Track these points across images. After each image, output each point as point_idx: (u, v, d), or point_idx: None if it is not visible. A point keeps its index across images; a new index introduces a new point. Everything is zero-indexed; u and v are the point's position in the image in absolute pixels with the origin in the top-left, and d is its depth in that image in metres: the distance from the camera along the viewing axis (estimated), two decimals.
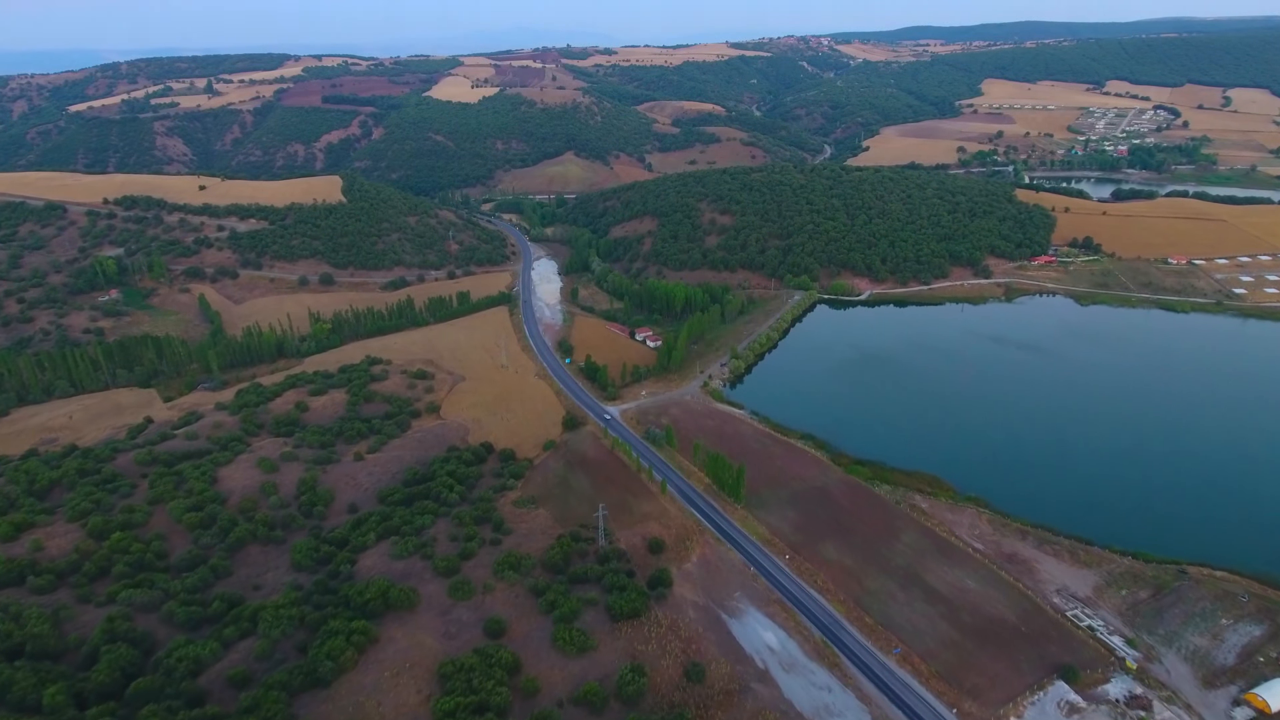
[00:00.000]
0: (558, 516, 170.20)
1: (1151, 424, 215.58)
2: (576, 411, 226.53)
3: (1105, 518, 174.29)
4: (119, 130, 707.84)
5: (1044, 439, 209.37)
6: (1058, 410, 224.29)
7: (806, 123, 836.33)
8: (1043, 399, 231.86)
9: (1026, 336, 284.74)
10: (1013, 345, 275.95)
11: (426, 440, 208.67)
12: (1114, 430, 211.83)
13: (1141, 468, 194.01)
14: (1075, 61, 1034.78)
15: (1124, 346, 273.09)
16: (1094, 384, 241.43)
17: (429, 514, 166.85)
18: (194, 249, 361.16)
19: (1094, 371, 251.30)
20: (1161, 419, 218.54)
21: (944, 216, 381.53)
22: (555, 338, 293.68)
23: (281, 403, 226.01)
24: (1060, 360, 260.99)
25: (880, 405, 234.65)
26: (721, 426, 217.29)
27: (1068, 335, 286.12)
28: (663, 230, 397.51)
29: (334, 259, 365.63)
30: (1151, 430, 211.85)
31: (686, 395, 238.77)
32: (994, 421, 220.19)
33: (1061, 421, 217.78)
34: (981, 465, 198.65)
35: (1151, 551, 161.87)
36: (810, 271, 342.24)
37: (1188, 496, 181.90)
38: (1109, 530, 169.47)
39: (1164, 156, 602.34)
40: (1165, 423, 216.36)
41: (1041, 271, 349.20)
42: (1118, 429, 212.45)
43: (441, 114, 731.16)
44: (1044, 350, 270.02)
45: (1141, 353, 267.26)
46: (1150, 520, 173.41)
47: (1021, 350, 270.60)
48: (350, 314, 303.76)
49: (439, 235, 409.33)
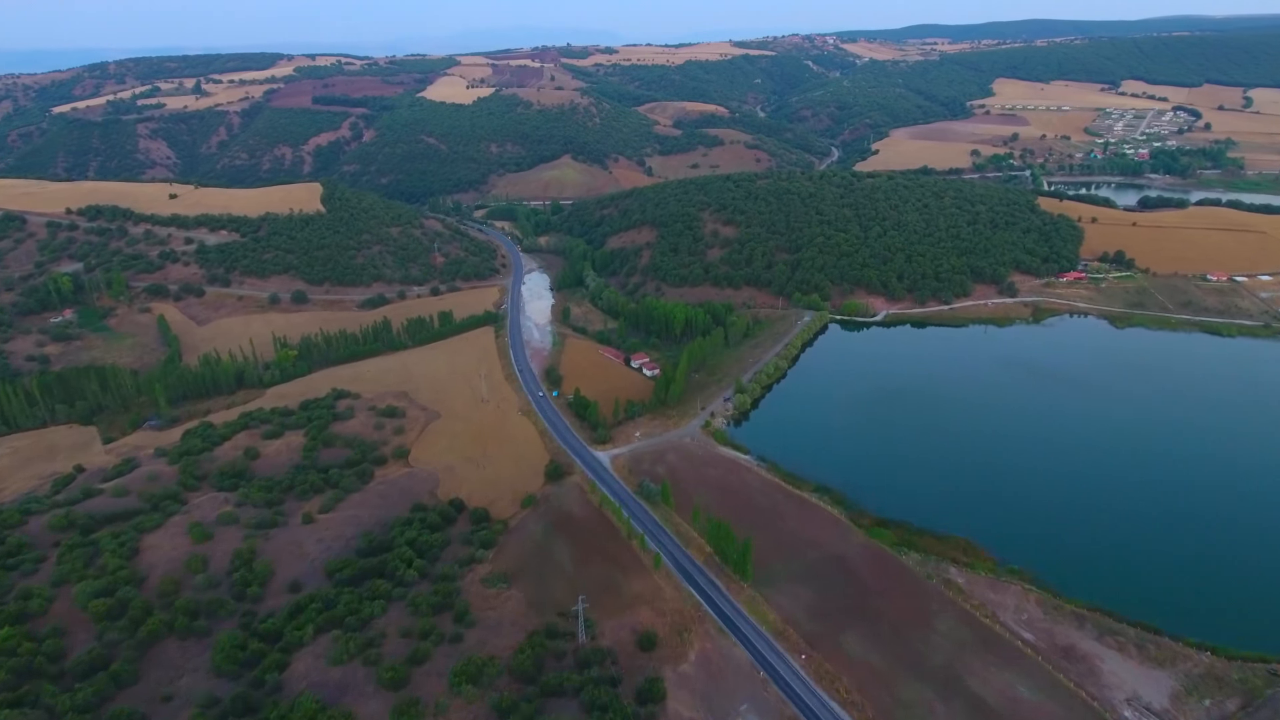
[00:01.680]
0: (533, 599, 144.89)
1: (1218, 476, 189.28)
2: (561, 457, 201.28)
3: (1173, 596, 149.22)
4: (100, 133, 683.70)
5: (1093, 494, 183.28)
6: (1106, 458, 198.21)
7: (813, 124, 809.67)
8: (1088, 444, 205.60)
9: (1061, 365, 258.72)
10: (1048, 376, 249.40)
11: (390, 495, 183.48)
12: (1174, 484, 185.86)
13: (1211, 533, 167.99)
14: (1088, 61, 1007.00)
15: (1172, 378, 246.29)
16: (1144, 425, 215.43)
17: (381, 598, 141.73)
18: (158, 264, 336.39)
19: (1142, 408, 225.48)
20: (1230, 471, 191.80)
21: (964, 228, 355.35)
22: (543, 365, 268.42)
23: (230, 447, 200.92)
24: (1102, 395, 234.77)
25: (902, 449, 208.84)
26: (725, 477, 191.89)
27: (1107, 364, 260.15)
28: (662, 242, 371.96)
29: (309, 274, 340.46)
30: (1220, 485, 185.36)
31: (685, 437, 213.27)
32: (1033, 471, 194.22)
33: (1111, 473, 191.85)
34: (1022, 527, 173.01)
35: (1234, 645, 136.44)
36: (821, 289, 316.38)
37: (1271, 573, 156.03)
38: (1179, 613, 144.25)
39: (1188, 160, 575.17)
40: (1234, 475, 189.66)
41: (1071, 289, 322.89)
42: (1178, 482, 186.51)
43: (435, 115, 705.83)
44: (1083, 383, 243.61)
45: (1192, 386, 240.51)
46: (1228, 602, 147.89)
47: (1058, 382, 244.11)
48: (320, 338, 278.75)
49: (423, 247, 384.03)
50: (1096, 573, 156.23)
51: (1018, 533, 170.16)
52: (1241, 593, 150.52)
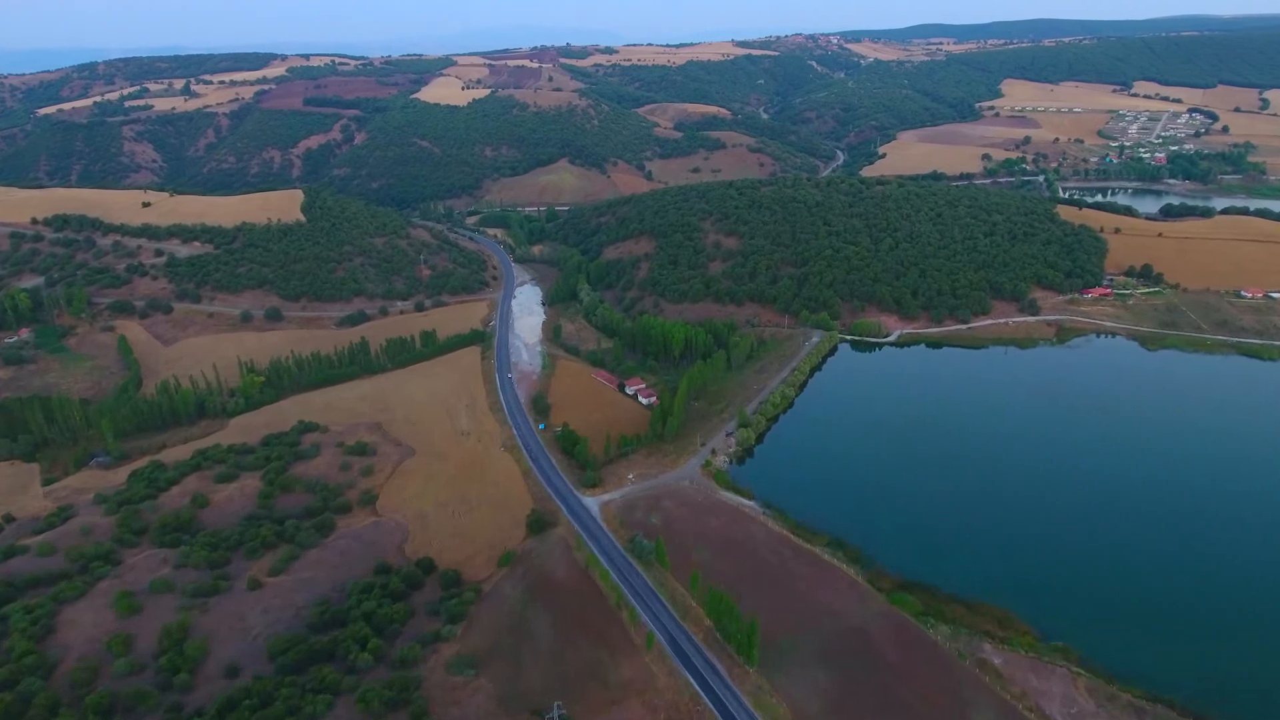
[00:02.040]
0: (504, 692, 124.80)
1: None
2: (546, 504, 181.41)
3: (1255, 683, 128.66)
4: (84, 135, 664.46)
5: (1146, 551, 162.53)
6: (1159, 507, 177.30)
7: (817, 126, 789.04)
8: (1135, 489, 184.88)
9: (1094, 393, 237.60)
10: (1081, 407, 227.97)
11: (352, 552, 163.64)
12: (1242, 541, 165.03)
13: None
14: (1099, 61, 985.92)
15: (1219, 410, 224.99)
16: (1194, 465, 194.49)
17: (328, 690, 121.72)
18: (125, 278, 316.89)
19: (1189, 444, 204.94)
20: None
21: (981, 240, 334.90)
22: (531, 391, 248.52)
23: (178, 493, 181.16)
24: (1144, 428, 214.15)
25: (923, 494, 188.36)
26: (727, 529, 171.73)
27: (1144, 392, 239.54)
28: (661, 254, 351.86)
29: (284, 289, 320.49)
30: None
31: (684, 479, 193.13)
32: (1073, 522, 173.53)
33: (1168, 525, 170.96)
34: (1064, 591, 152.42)
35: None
36: (830, 306, 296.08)
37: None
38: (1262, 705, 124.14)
39: (1208, 165, 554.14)
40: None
41: (1096, 306, 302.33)
42: (1247, 539, 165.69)
43: (428, 118, 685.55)
44: (1120, 414, 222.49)
45: (1244, 419, 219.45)
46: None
47: (1093, 414, 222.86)
48: (291, 361, 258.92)
49: (409, 259, 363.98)
50: (1158, 652, 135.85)
51: (1059, 598, 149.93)
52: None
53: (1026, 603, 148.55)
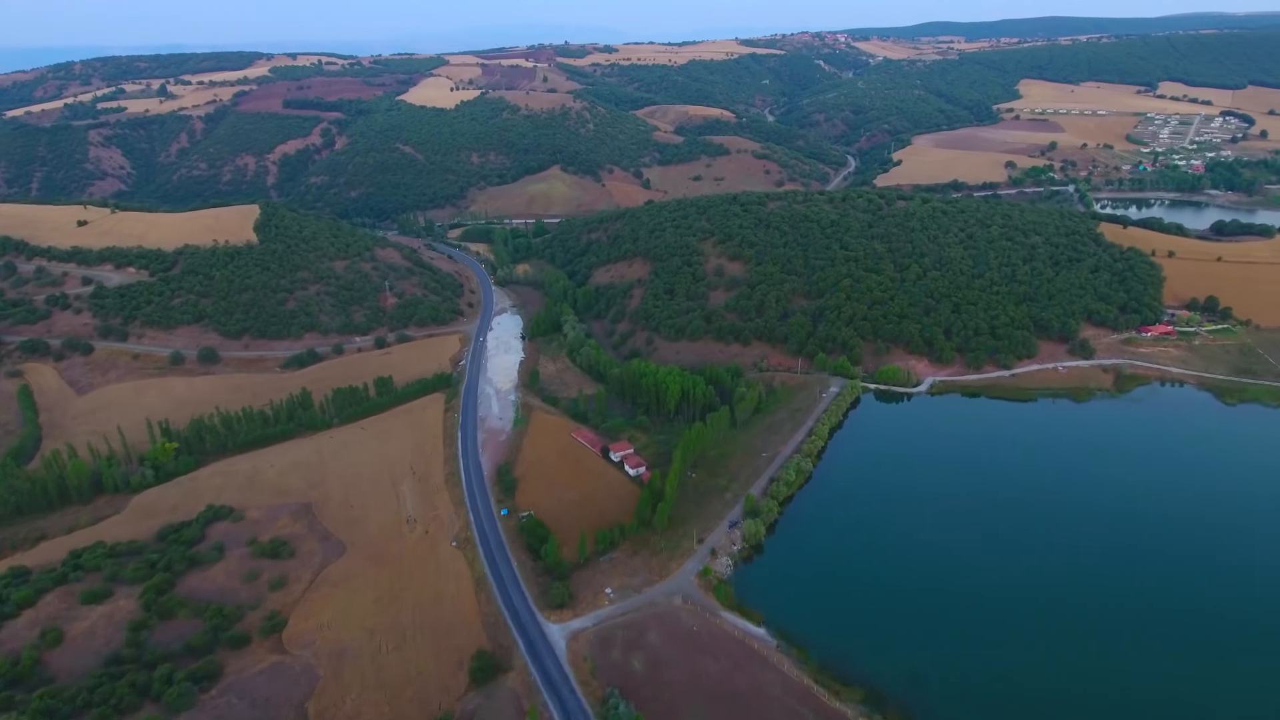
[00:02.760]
0: None
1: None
2: (499, 635, 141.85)
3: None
4: (48, 140, 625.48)
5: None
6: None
7: (826, 129, 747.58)
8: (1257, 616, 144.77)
9: (1172, 465, 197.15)
10: (1165, 484, 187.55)
11: (235, 719, 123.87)
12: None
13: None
14: (1120, 60, 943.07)
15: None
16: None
17: None
18: (43, 311, 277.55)
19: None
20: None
21: (1019, 266, 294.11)
22: (498, 457, 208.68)
23: (26, 624, 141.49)
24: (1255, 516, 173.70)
25: (983, 612, 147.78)
26: (730, 679, 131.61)
27: (1237, 462, 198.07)
28: (656, 280, 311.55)
29: (225, 325, 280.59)
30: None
31: (676, 595, 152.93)
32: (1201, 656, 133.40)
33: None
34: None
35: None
36: (850, 347, 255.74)
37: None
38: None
39: (1251, 175, 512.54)
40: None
41: (1158, 348, 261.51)
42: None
43: (413, 121, 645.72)
44: (1217, 493, 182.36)
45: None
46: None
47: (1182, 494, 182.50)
48: (217, 419, 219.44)
49: (373, 285, 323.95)
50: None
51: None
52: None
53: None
